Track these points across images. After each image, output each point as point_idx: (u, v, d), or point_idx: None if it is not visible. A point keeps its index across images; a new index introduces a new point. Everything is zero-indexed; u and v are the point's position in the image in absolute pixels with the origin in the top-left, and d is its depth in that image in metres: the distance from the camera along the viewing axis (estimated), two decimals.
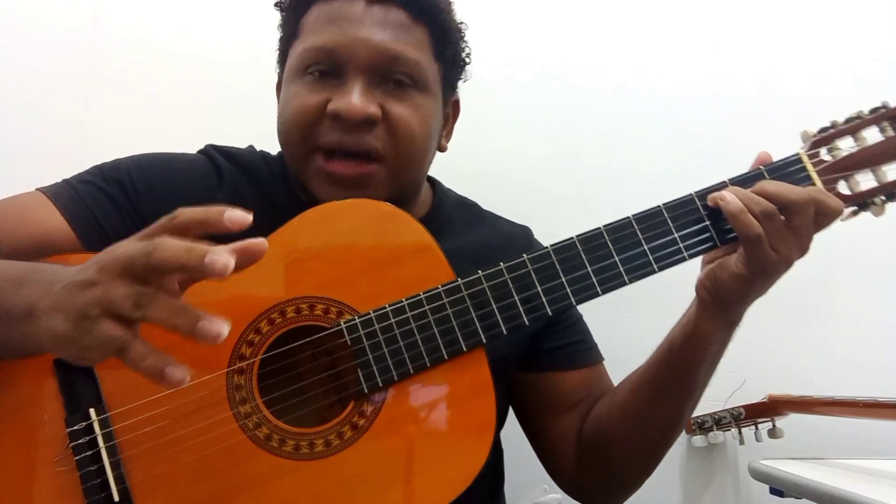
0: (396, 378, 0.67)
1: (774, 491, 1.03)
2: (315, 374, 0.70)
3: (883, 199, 0.70)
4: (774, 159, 0.72)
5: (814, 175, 0.70)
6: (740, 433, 1.18)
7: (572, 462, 0.83)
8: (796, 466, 1.03)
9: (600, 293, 0.69)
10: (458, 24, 0.84)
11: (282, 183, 0.84)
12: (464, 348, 0.68)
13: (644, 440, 0.78)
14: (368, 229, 0.72)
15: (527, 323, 0.68)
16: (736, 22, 1.34)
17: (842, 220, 0.71)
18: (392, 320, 0.68)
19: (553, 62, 1.32)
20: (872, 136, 0.71)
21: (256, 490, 0.66)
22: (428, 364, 0.67)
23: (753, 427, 1.16)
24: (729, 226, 0.68)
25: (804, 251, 0.67)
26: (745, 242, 0.66)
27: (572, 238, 0.70)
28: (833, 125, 0.72)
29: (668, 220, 0.70)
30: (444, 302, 0.69)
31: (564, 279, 0.69)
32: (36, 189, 0.77)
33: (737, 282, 0.67)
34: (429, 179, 0.92)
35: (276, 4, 0.85)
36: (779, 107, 1.30)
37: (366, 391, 0.67)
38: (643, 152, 1.30)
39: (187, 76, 1.22)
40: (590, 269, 0.69)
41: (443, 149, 0.87)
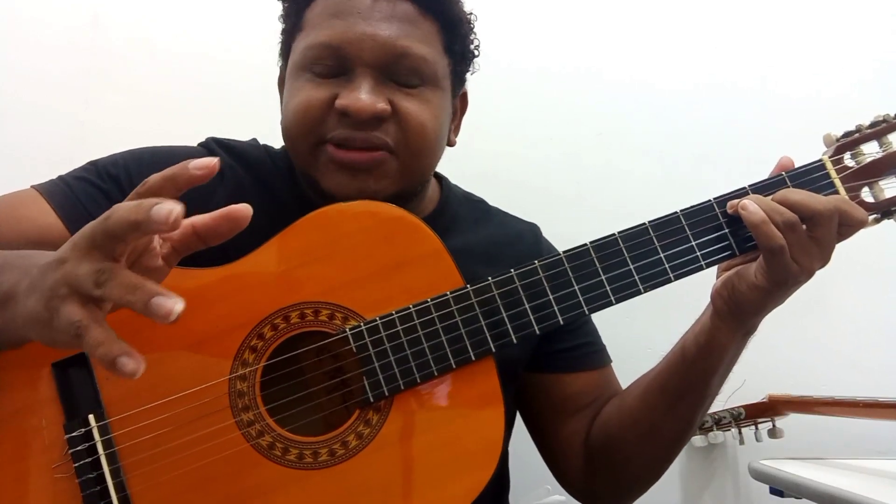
0: (403, 387, 0.65)
1: (774, 491, 1.02)
2: (319, 382, 0.67)
3: None
4: (789, 161, 0.70)
5: (837, 182, 0.67)
6: (740, 433, 1.17)
7: (580, 465, 0.81)
8: (796, 466, 1.01)
9: (614, 302, 0.66)
10: (468, 16, 0.81)
11: (286, 177, 0.81)
12: (472, 357, 0.65)
13: (654, 447, 0.76)
14: (376, 233, 0.69)
15: (537, 332, 0.66)
16: (735, 22, 1.33)
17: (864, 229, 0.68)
18: (399, 327, 0.66)
19: (553, 62, 1.31)
20: None
21: (259, 500, 0.64)
22: (435, 373, 0.65)
23: (753, 427, 1.15)
24: (749, 234, 0.65)
25: (826, 262, 0.65)
26: (767, 254, 0.63)
27: (586, 244, 0.67)
28: (858, 129, 0.69)
29: (686, 227, 0.67)
30: (453, 309, 0.66)
31: (577, 287, 0.66)
32: (31, 186, 0.74)
33: (755, 292, 0.65)
34: (436, 175, 0.89)
35: None
36: (778, 107, 1.29)
37: (371, 400, 0.65)
38: (643, 152, 1.29)
39: (187, 76, 1.20)
40: (604, 277, 0.66)
41: (452, 143, 0.84)
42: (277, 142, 0.89)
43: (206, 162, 0.50)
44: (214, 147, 0.82)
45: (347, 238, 0.69)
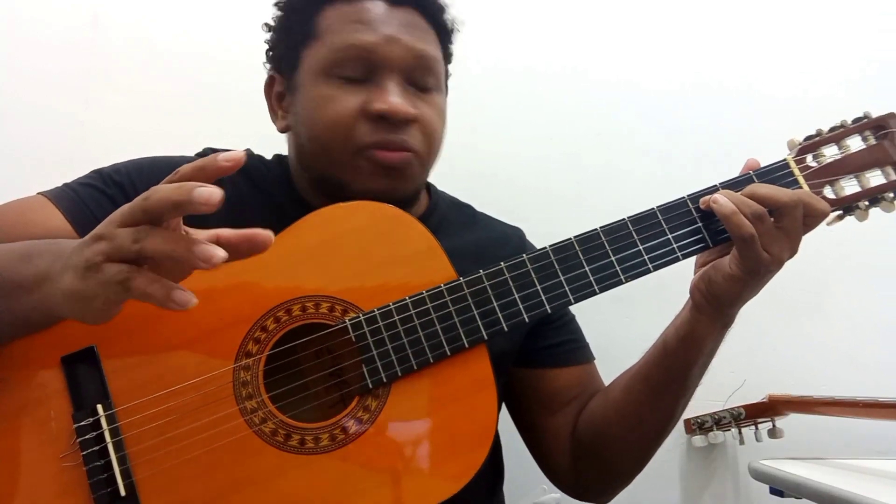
0: (400, 373, 0.66)
1: (774, 491, 1.01)
2: (320, 371, 0.68)
3: (867, 204, 0.71)
4: (756, 162, 0.73)
5: (801, 179, 0.71)
6: (740, 433, 1.15)
7: (567, 459, 0.83)
8: (796, 466, 1.00)
9: (598, 292, 0.68)
10: (456, 25, 0.84)
11: (282, 182, 0.83)
12: (466, 344, 0.67)
13: (639, 438, 0.78)
14: (373, 231, 0.71)
15: (527, 320, 0.68)
16: (734, 22, 1.33)
17: (827, 224, 0.71)
18: (396, 318, 0.67)
19: (553, 62, 1.29)
20: (856, 145, 0.72)
21: (262, 484, 0.64)
22: (431, 360, 0.67)
23: (753, 427, 1.13)
24: (720, 227, 0.69)
25: (794, 252, 0.68)
26: (739, 243, 0.66)
27: (570, 239, 0.70)
28: (818, 133, 0.73)
29: (662, 222, 0.70)
30: (447, 300, 0.68)
31: (563, 278, 0.69)
32: (37, 193, 0.75)
33: (731, 283, 0.67)
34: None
35: (277, 4, 0.82)
36: (776, 107, 1.28)
37: (370, 386, 0.66)
38: (642, 153, 1.27)
39: (187, 76, 1.19)
40: (587, 269, 0.69)
41: None
42: (277, 143, 0.90)
43: (234, 154, 0.52)
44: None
45: (346, 236, 0.71)
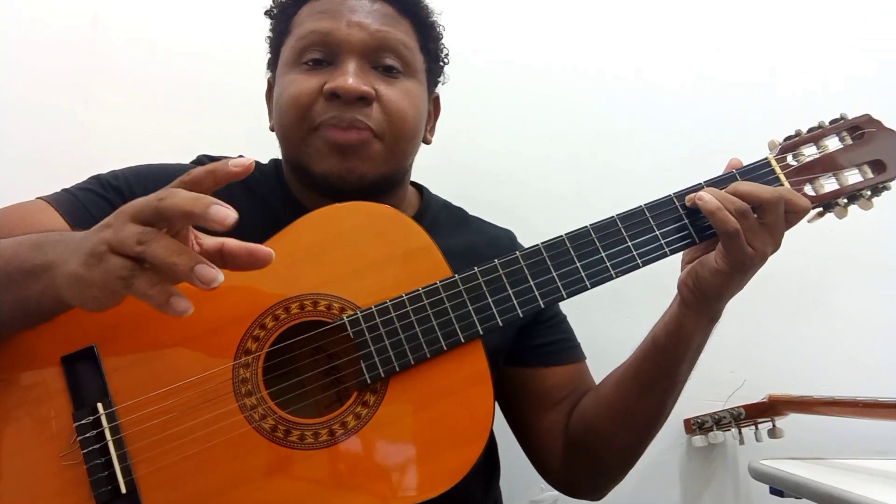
0: (398, 368, 0.66)
1: (774, 491, 0.99)
2: (319, 367, 0.68)
3: (845, 202, 0.72)
4: (738, 161, 0.73)
5: (782, 177, 0.72)
6: (740, 433, 1.13)
7: (559, 456, 0.83)
8: (796, 466, 0.99)
9: (589, 287, 0.69)
10: (438, 23, 0.85)
11: (274, 186, 0.83)
12: (462, 340, 0.67)
13: (629, 433, 0.78)
14: (369, 230, 0.71)
15: (521, 315, 0.68)
16: (735, 22, 1.31)
17: (808, 221, 0.72)
18: (393, 314, 0.67)
19: (553, 62, 1.27)
20: (833, 145, 0.73)
21: (262, 480, 0.64)
22: (428, 355, 0.67)
23: (753, 427, 1.11)
24: (706, 223, 0.69)
25: (777, 246, 0.68)
26: (724, 238, 0.66)
27: (561, 236, 0.70)
28: (797, 134, 0.74)
29: (650, 219, 0.70)
30: (443, 296, 0.68)
31: (555, 274, 0.69)
32: (36, 198, 0.74)
33: (717, 277, 0.67)
34: (416, 185, 0.92)
35: (267, 12, 0.84)
36: (777, 107, 1.26)
37: (368, 382, 0.66)
38: (642, 153, 1.25)
39: (187, 76, 1.17)
40: (578, 265, 0.69)
41: (427, 141, 0.87)
42: (276, 145, 0.89)
43: (244, 161, 0.53)
44: (206, 162, 0.82)
45: (343, 235, 0.70)
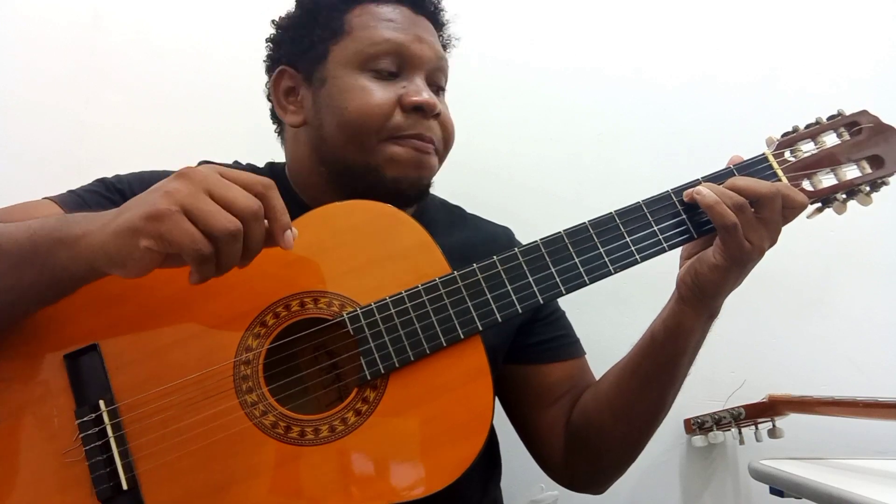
0: (397, 364, 0.66)
1: (774, 491, 0.99)
2: (319, 364, 0.68)
3: (844, 197, 0.72)
4: (738, 158, 0.73)
5: (779, 172, 0.72)
6: (740, 433, 1.13)
7: (560, 451, 0.83)
8: (796, 466, 0.98)
9: (587, 282, 0.69)
10: (452, 40, 0.90)
11: (279, 188, 0.82)
12: (461, 335, 0.67)
13: (629, 428, 0.78)
14: (369, 228, 0.71)
15: (520, 311, 0.68)
16: (735, 21, 1.31)
17: (808, 217, 0.71)
18: (392, 311, 0.67)
19: (553, 62, 1.28)
20: (831, 140, 0.73)
21: (263, 476, 0.64)
22: (427, 351, 0.66)
23: (753, 427, 1.10)
24: (704, 219, 0.69)
25: (774, 241, 0.68)
26: (722, 232, 0.66)
27: (559, 232, 0.70)
28: (795, 130, 0.74)
29: (648, 215, 0.70)
30: (442, 293, 0.68)
31: (554, 270, 0.69)
32: (42, 198, 0.75)
33: (716, 273, 0.67)
34: None
35: (302, 2, 0.84)
36: (778, 107, 1.26)
37: (368, 378, 0.66)
38: (643, 153, 1.25)
39: (187, 76, 1.17)
40: (577, 261, 0.69)
41: None
42: (274, 144, 0.89)
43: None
44: None
45: (342, 233, 0.71)
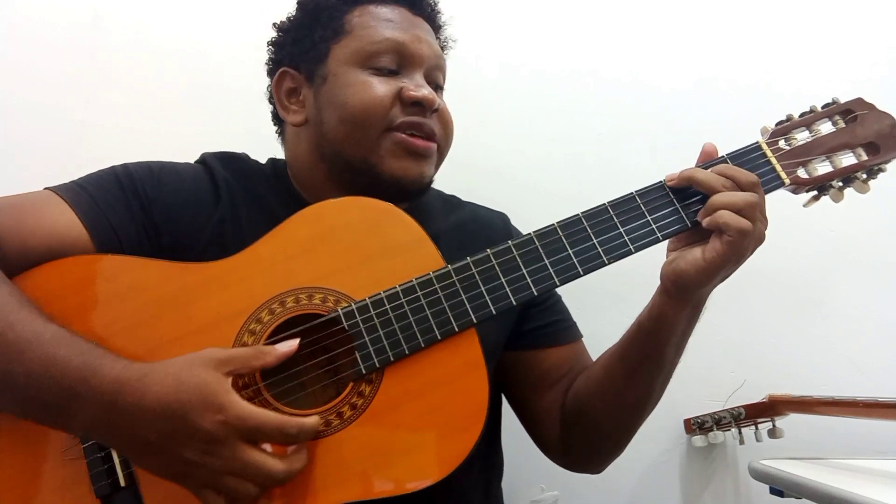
0: (392, 358, 0.67)
1: (774, 491, 0.99)
2: (315, 359, 0.69)
3: (840, 185, 0.72)
4: (712, 147, 0.74)
5: (773, 160, 0.71)
6: (740, 433, 1.13)
7: (557, 433, 0.84)
8: (796, 466, 0.99)
9: (581, 273, 0.69)
10: (448, 42, 0.92)
11: (274, 186, 0.84)
12: (456, 329, 0.67)
13: (619, 413, 0.79)
14: (363, 224, 0.71)
15: (514, 303, 0.68)
16: (736, 21, 1.31)
17: (804, 205, 0.71)
18: (387, 306, 0.68)
19: (553, 63, 1.28)
20: (826, 129, 0.73)
21: None
22: (422, 344, 0.67)
23: (753, 427, 1.11)
24: (697, 209, 0.69)
25: (766, 225, 0.68)
26: (738, 236, 0.65)
27: (553, 224, 0.70)
28: (789, 118, 0.74)
29: (641, 206, 0.70)
30: (436, 287, 0.69)
31: (548, 261, 0.69)
32: (45, 189, 0.75)
33: (703, 274, 0.67)
34: None
35: (302, 3, 0.85)
36: (779, 106, 1.22)
37: (363, 372, 0.67)
38: (643, 153, 1.25)
39: (188, 76, 1.18)
40: (570, 252, 0.69)
41: None
42: (274, 143, 0.89)
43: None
44: (212, 162, 0.83)
45: (337, 230, 0.71)
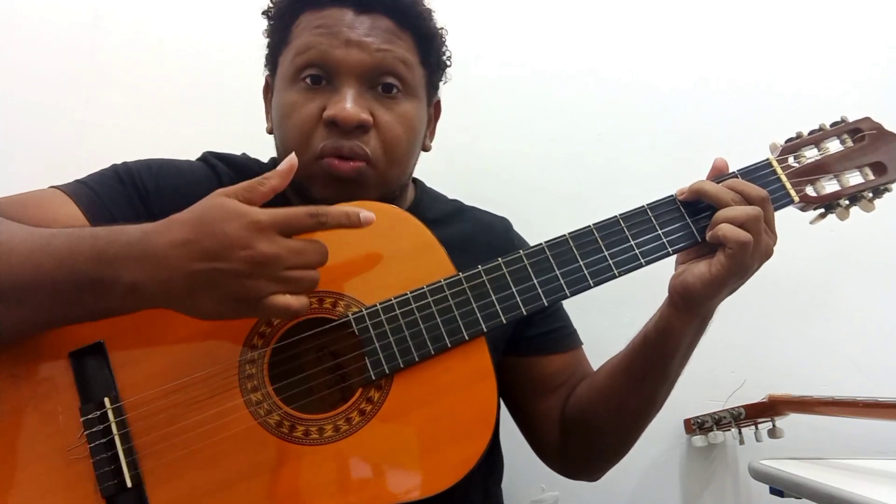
0: (402, 365, 0.68)
1: (774, 491, 1.01)
2: (324, 364, 0.70)
3: (847, 203, 0.74)
4: (723, 163, 0.74)
5: (783, 177, 0.74)
6: (740, 433, 1.15)
7: (555, 440, 0.85)
8: (796, 466, 1.00)
9: (592, 285, 0.70)
10: (440, 30, 0.85)
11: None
12: (466, 337, 0.69)
13: (621, 422, 0.80)
14: (374, 228, 0.71)
15: (524, 313, 0.70)
16: (737, 22, 1.33)
17: (811, 222, 0.73)
18: (397, 311, 0.69)
19: (554, 62, 1.29)
20: (834, 147, 0.75)
21: (267, 474, 0.66)
22: (432, 352, 0.68)
23: (753, 427, 1.12)
24: (707, 223, 0.71)
25: (775, 240, 0.70)
26: (737, 248, 0.66)
27: (564, 235, 0.72)
28: (798, 136, 0.76)
29: (653, 219, 0.72)
30: (447, 294, 0.70)
31: (558, 272, 0.70)
32: (50, 187, 0.75)
33: (710, 288, 0.68)
34: (412, 179, 0.93)
35: (264, 13, 0.85)
36: (780, 106, 1.28)
37: (373, 378, 0.68)
38: (644, 153, 1.27)
39: (188, 76, 1.19)
40: (581, 263, 0.71)
41: (427, 148, 0.89)
42: (264, 150, 0.90)
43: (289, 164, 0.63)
44: (213, 160, 0.85)
45: (347, 234, 0.70)
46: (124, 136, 1.14)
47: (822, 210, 0.75)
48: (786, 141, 0.76)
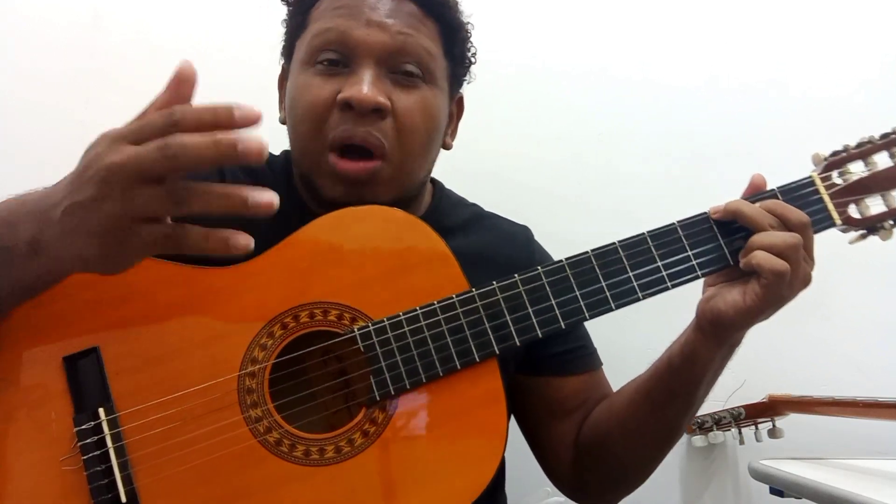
0: (408, 386, 0.66)
1: (774, 491, 1.02)
2: (327, 380, 0.68)
3: (892, 224, 0.71)
4: (761, 179, 0.72)
5: (826, 198, 0.70)
6: (740, 433, 1.17)
7: (569, 464, 0.83)
8: (796, 466, 1.01)
9: (613, 308, 0.68)
10: (466, 23, 0.83)
11: (283, 184, 0.83)
12: (477, 358, 0.67)
13: (640, 449, 0.78)
14: (383, 236, 0.71)
15: (540, 335, 0.68)
16: (740, 22, 1.34)
17: (850, 243, 0.71)
18: (406, 328, 0.67)
19: (555, 62, 1.31)
20: (883, 161, 0.71)
21: (265, 495, 0.64)
22: (441, 373, 0.67)
23: (753, 427, 1.14)
24: (740, 246, 0.68)
25: (813, 266, 0.68)
26: (774, 279, 0.64)
27: (587, 252, 0.70)
28: (845, 149, 0.72)
29: (683, 238, 0.69)
30: (458, 312, 0.68)
31: (578, 293, 0.68)
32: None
33: (744, 316, 0.66)
34: (431, 180, 0.91)
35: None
36: (782, 107, 1.29)
37: (377, 399, 0.66)
38: (644, 154, 1.29)
39: None
40: (604, 284, 0.68)
41: (447, 147, 0.86)
42: (275, 142, 0.89)
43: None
44: None
45: (357, 241, 0.70)
46: None
47: (864, 231, 0.71)
48: (830, 154, 0.71)
